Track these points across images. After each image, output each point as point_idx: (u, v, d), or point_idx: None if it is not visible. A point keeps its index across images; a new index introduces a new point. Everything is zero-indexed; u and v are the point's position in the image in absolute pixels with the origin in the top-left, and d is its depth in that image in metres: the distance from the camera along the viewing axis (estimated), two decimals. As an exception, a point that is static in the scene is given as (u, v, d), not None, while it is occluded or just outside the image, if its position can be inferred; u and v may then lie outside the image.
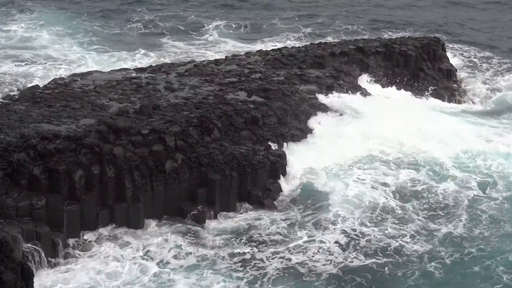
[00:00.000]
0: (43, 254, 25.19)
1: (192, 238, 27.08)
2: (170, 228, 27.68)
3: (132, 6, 64.07)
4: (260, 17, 61.50)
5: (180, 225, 27.97)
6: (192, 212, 28.20)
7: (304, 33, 56.39)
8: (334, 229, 27.96)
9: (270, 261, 25.91)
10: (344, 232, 27.78)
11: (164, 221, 28.19)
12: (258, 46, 50.78)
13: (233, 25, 58.31)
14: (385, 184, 31.42)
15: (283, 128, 32.71)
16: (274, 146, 31.44)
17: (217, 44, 53.43)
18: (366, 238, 27.39)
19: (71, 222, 26.62)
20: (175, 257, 25.92)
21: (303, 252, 26.48)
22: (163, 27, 57.25)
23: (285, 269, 25.43)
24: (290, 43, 52.40)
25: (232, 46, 52.55)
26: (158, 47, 51.91)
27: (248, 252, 26.47)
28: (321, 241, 27.17)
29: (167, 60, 46.89)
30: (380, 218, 28.90)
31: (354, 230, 27.91)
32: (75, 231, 26.71)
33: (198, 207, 28.38)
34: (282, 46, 47.49)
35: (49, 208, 26.32)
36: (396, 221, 28.71)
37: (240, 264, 25.80)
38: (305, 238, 27.37)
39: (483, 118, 39.70)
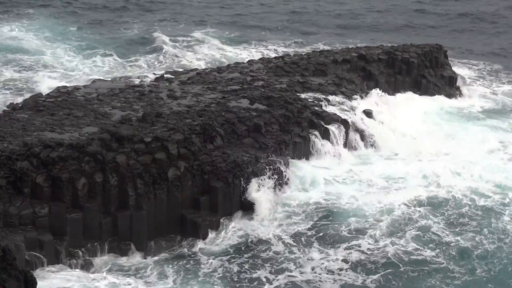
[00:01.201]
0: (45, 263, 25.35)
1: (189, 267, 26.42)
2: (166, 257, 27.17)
3: (122, 13, 64.26)
4: (250, 30, 61.60)
5: (178, 249, 27.57)
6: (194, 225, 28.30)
7: (295, 42, 56.47)
8: (346, 245, 27.37)
9: (273, 278, 25.47)
10: (356, 248, 27.13)
11: (160, 243, 27.91)
12: (244, 52, 51.05)
13: (222, 33, 58.46)
14: (405, 198, 30.76)
15: (285, 135, 32.70)
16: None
17: (203, 45, 53.81)
18: (379, 256, 26.60)
19: (74, 230, 26.68)
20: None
21: (310, 269, 25.89)
22: (153, 33, 57.58)
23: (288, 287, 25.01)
24: (279, 49, 52.40)
25: (217, 49, 52.69)
26: (148, 52, 52.16)
27: (248, 270, 26.06)
28: (331, 258, 26.58)
29: (144, 64, 47.48)
30: (397, 233, 28.13)
31: (368, 246, 27.21)
32: (78, 239, 26.77)
33: (197, 224, 28.43)
34: (270, 51, 47.98)
35: (52, 216, 26.36)
36: (414, 238, 27.85)
37: (239, 279, 25.54)
38: (314, 254, 26.86)
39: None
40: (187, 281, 25.25)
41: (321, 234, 28.20)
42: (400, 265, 26.08)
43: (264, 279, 25.30)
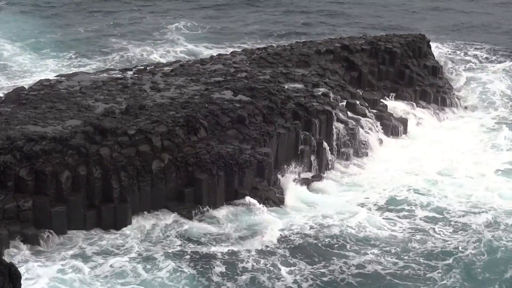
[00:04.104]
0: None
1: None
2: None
3: (90, 9, 63.28)
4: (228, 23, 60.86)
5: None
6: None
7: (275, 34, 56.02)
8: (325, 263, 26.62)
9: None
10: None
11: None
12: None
13: (195, 27, 57.63)
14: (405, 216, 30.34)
15: (269, 126, 32.69)
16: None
17: (176, 46, 52.81)
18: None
19: (58, 223, 26.68)
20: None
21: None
22: (120, 31, 56.39)
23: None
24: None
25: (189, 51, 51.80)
26: (116, 50, 51.22)
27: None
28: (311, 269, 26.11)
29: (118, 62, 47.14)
30: (384, 254, 27.28)
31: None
32: (62, 232, 26.78)
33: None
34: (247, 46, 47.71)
35: (36, 210, 26.33)
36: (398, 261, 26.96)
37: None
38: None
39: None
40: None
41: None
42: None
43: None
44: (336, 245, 27.63)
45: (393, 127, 37.77)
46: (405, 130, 38.33)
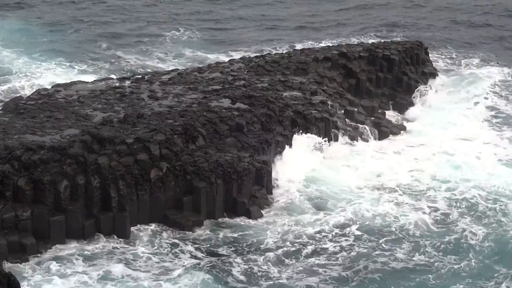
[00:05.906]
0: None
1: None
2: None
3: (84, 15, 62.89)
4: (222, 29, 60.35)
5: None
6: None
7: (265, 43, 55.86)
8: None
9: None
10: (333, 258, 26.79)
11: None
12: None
13: (191, 35, 57.31)
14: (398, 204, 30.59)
15: (267, 134, 32.71)
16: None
17: (174, 53, 52.32)
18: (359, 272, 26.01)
19: (57, 232, 26.63)
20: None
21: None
22: (117, 38, 55.73)
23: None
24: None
25: (187, 58, 51.29)
26: (113, 58, 50.70)
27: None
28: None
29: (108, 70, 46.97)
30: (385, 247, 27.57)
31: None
32: (61, 241, 26.72)
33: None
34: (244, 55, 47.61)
35: (35, 219, 26.29)
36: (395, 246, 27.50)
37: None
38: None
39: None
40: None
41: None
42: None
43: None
44: (354, 238, 28.05)
45: (392, 134, 37.76)
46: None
